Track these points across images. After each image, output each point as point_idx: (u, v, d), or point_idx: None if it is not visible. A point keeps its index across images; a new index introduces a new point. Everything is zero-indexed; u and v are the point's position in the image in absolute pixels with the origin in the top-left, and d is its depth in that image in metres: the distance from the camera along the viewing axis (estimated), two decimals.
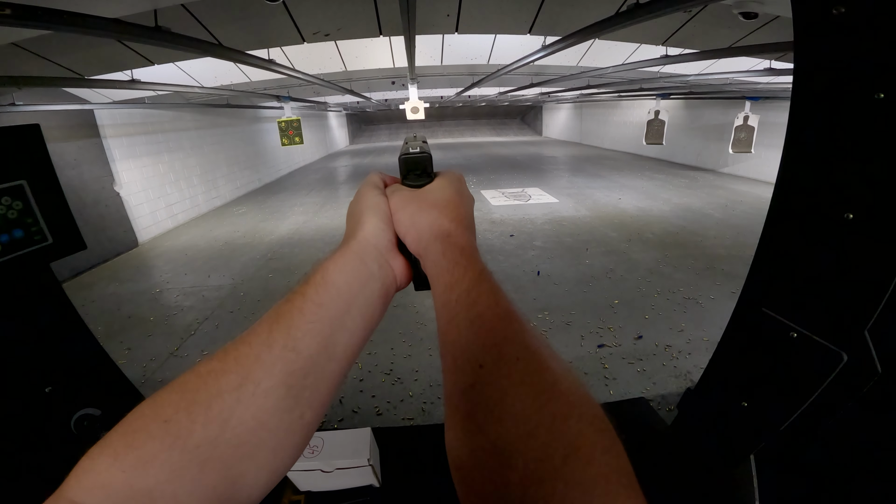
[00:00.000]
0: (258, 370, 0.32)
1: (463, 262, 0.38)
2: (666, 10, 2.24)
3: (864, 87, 0.60)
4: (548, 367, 0.29)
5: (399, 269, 0.44)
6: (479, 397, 0.29)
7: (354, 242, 0.42)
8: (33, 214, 0.63)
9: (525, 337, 0.32)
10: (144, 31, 2.32)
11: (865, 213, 0.64)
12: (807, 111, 0.69)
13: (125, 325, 4.38)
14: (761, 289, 0.84)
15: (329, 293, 0.37)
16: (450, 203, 0.45)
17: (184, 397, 0.31)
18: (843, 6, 0.60)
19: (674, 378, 3.12)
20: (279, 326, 0.35)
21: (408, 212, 0.44)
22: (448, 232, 0.42)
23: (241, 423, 0.31)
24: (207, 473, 0.29)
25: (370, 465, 1.04)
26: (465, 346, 0.32)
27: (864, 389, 0.74)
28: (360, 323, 0.39)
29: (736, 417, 1.01)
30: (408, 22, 2.58)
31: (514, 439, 0.26)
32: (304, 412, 0.34)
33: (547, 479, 0.24)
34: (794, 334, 0.78)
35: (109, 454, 0.28)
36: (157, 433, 0.29)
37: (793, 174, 0.73)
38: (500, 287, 0.36)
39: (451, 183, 0.48)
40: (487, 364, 0.30)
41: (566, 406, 0.27)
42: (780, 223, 0.77)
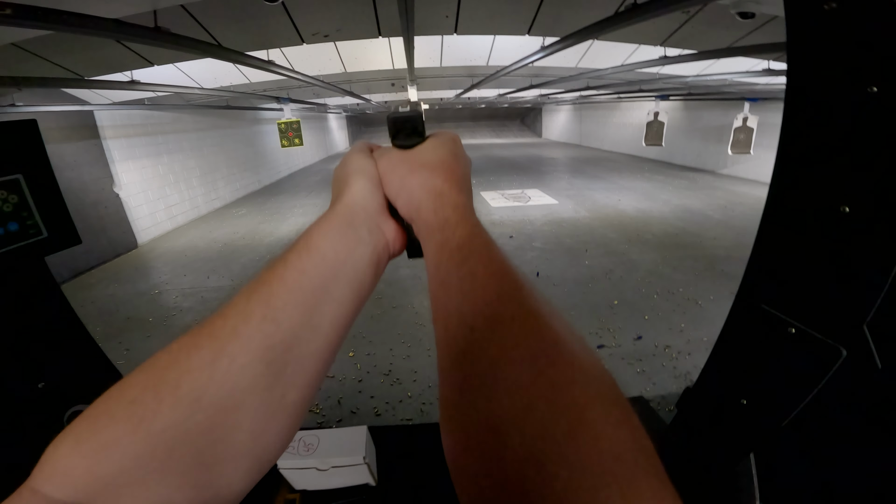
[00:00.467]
0: (233, 344, 0.29)
1: (454, 218, 0.35)
2: (663, 10, 2.25)
3: (857, 81, 0.60)
4: (547, 326, 0.26)
5: (391, 233, 0.41)
6: (471, 366, 0.26)
7: (340, 205, 0.39)
8: (29, 208, 0.63)
9: (521, 294, 0.28)
10: (144, 32, 2.33)
11: (861, 206, 0.64)
12: (801, 105, 0.69)
13: (124, 326, 4.37)
14: (759, 284, 0.84)
15: (313, 259, 0.34)
16: (443, 163, 0.41)
17: (152, 376, 0.28)
18: (835, 2, 0.60)
19: (673, 378, 3.12)
20: (258, 296, 0.32)
21: (398, 173, 0.41)
22: (440, 191, 0.38)
23: (214, 403, 0.28)
24: (176, 459, 0.26)
25: (366, 463, 1.04)
26: (456, 308, 0.29)
27: (865, 385, 0.74)
28: (349, 292, 0.36)
29: (735, 415, 1.00)
30: (406, 23, 2.59)
31: (508, 413, 0.22)
32: (286, 392, 0.31)
33: (547, 460, 0.20)
34: (792, 330, 0.78)
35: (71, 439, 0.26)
36: (121, 415, 0.26)
37: (788, 168, 0.73)
38: (495, 243, 0.33)
39: (445, 143, 0.44)
40: (479, 327, 0.27)
41: (569, 371, 0.23)
42: (777, 217, 0.77)
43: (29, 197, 0.63)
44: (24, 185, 0.62)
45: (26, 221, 0.63)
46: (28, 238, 0.64)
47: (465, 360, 0.26)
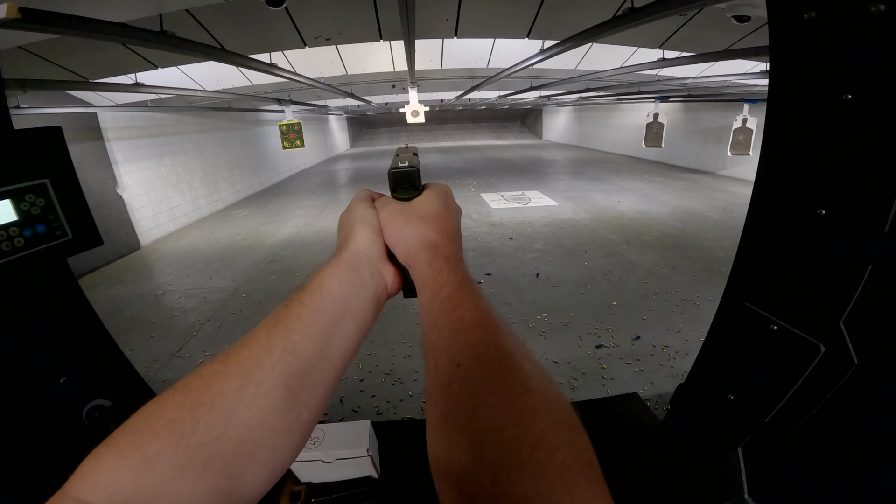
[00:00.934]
0: (259, 372, 0.34)
1: (447, 270, 0.40)
2: (661, 14, 2.28)
3: (833, 89, 0.64)
4: (520, 365, 0.32)
5: (390, 277, 0.47)
6: (455, 394, 0.31)
7: (347, 252, 0.45)
8: (55, 211, 0.67)
9: (500, 339, 0.34)
10: (150, 36, 2.37)
11: (837, 210, 0.68)
12: (781, 111, 0.73)
13: (127, 326, 4.41)
14: (743, 284, 0.88)
15: (325, 300, 0.40)
16: (437, 216, 0.46)
17: (188, 398, 0.32)
18: (814, 11, 0.64)
19: (671, 378, 3.15)
20: (278, 331, 0.37)
21: (397, 224, 0.46)
22: (434, 243, 0.44)
23: (243, 422, 0.32)
24: (210, 471, 0.30)
25: (369, 455, 1.08)
26: (445, 347, 0.35)
27: (842, 379, 0.78)
28: (354, 328, 0.41)
29: (723, 411, 1.04)
30: (407, 26, 2.63)
31: (485, 432, 0.28)
32: (301, 412, 0.36)
33: (514, 468, 0.25)
34: (774, 327, 0.82)
35: (115, 453, 0.29)
36: (163, 432, 0.30)
37: (770, 172, 0.77)
38: (481, 294, 0.39)
39: (439, 196, 0.49)
40: (464, 363, 0.32)
41: (535, 402, 0.29)
42: (760, 220, 0.81)
43: (55, 200, 0.67)
44: (50, 189, 0.67)
45: (53, 224, 0.68)
46: (54, 239, 0.68)
47: (450, 390, 0.32)
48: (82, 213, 0.72)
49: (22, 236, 0.65)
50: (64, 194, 0.69)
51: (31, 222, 0.66)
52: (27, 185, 0.64)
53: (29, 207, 0.65)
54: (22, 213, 0.65)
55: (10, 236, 0.65)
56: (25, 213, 0.65)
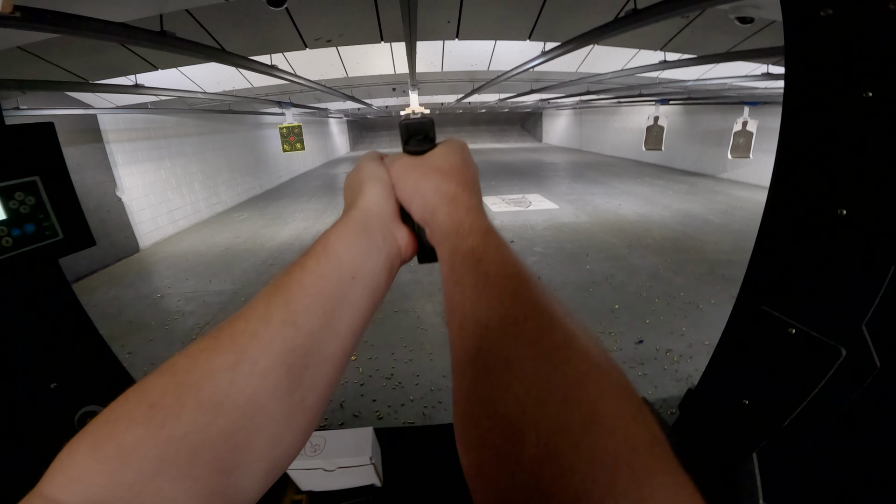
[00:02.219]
0: (255, 348, 0.29)
1: (468, 220, 0.36)
2: (663, 15, 2.27)
3: (853, 87, 0.62)
4: (560, 324, 0.26)
5: (403, 239, 0.42)
6: (485, 363, 0.26)
7: (356, 211, 0.40)
8: (45, 210, 0.65)
9: (534, 294, 0.29)
10: (150, 36, 2.35)
11: (858, 209, 0.65)
12: (798, 110, 0.71)
13: (126, 329, 4.38)
14: (759, 286, 0.85)
15: (331, 264, 0.35)
16: (455, 168, 0.42)
17: (172, 379, 0.28)
18: (831, 8, 0.62)
19: (675, 382, 3.12)
20: (277, 300, 0.32)
21: (411, 178, 0.42)
22: (454, 195, 0.39)
23: (236, 407, 0.27)
24: (197, 465, 0.26)
25: (372, 463, 1.05)
26: (471, 307, 0.30)
27: (864, 384, 0.75)
28: (364, 297, 0.36)
29: (737, 416, 1.01)
30: (409, 28, 2.61)
31: (524, 409, 0.22)
32: (305, 395, 0.31)
33: (564, 453, 0.20)
34: (792, 330, 0.79)
35: (88, 444, 0.25)
36: (141, 419, 0.26)
37: (787, 172, 0.74)
38: (508, 245, 0.34)
39: (455, 149, 0.45)
40: (493, 325, 0.27)
41: (582, 367, 0.24)
42: (776, 221, 0.78)
43: (45, 199, 0.64)
44: (40, 187, 0.64)
45: (43, 223, 0.65)
46: (44, 240, 0.66)
47: (479, 358, 0.27)
48: (74, 213, 0.69)
49: (10, 236, 0.62)
50: (55, 193, 0.66)
51: (20, 221, 0.63)
52: (16, 183, 0.61)
53: (18, 206, 0.62)
54: (10, 212, 0.62)
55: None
56: (14, 212, 0.62)
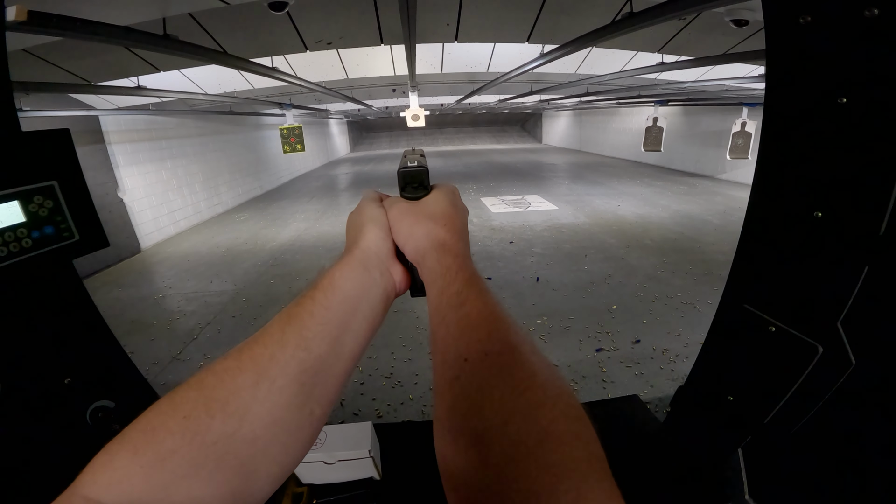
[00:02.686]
0: (273, 368, 0.34)
1: (455, 267, 0.41)
2: (660, 18, 2.30)
3: (828, 93, 0.65)
4: (527, 360, 0.32)
5: (398, 276, 0.47)
6: (462, 388, 0.31)
7: (358, 251, 0.45)
8: (62, 213, 0.68)
9: (507, 335, 0.34)
10: (153, 39, 2.39)
11: (833, 212, 0.69)
12: (778, 115, 0.74)
13: (128, 329, 4.41)
14: (742, 285, 0.89)
15: (336, 298, 0.40)
16: (445, 214, 0.47)
17: (202, 394, 0.32)
18: (809, 15, 0.65)
19: (671, 381, 3.16)
20: (292, 328, 0.37)
21: (406, 223, 0.47)
22: (443, 241, 0.44)
23: (257, 419, 0.32)
24: (223, 469, 0.30)
25: (371, 456, 1.08)
26: (453, 342, 0.35)
27: (840, 380, 0.79)
28: (365, 326, 0.42)
29: (723, 412, 1.05)
30: (408, 31, 2.65)
31: (491, 425, 0.28)
32: (313, 408, 0.36)
33: (521, 460, 0.25)
34: (772, 328, 0.82)
35: (129, 450, 0.29)
36: (177, 429, 0.30)
37: (767, 175, 0.78)
38: (489, 290, 0.39)
39: (447, 196, 0.50)
40: (472, 359, 0.32)
41: (541, 396, 0.29)
42: (758, 222, 0.82)
43: (63, 202, 0.68)
44: (58, 190, 0.67)
45: (60, 225, 0.68)
46: (62, 241, 0.69)
47: (457, 383, 0.32)
48: (89, 215, 0.73)
49: (30, 237, 0.66)
50: (71, 196, 0.69)
51: (39, 224, 0.67)
52: (35, 187, 0.65)
53: (37, 209, 0.66)
54: (30, 215, 0.66)
55: (18, 237, 0.65)
56: (34, 215, 0.66)
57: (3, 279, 0.65)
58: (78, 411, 0.91)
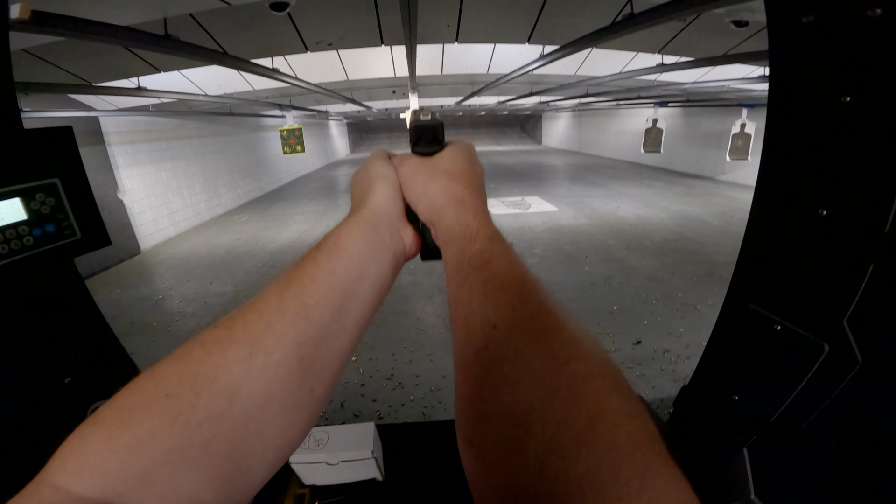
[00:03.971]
0: (269, 339, 0.30)
1: (476, 224, 0.37)
2: (660, 19, 2.30)
3: (832, 91, 0.65)
4: (566, 326, 0.28)
5: (408, 238, 0.43)
6: (493, 359, 0.27)
7: (366, 210, 0.41)
8: (64, 210, 0.68)
9: (540, 296, 0.30)
10: (154, 39, 2.39)
11: (838, 210, 0.68)
12: (782, 114, 0.74)
13: (128, 331, 4.40)
14: (746, 284, 0.88)
15: (342, 261, 0.36)
16: (462, 171, 0.43)
17: (186, 369, 0.28)
18: (812, 15, 0.65)
19: (672, 382, 3.15)
20: (290, 293, 0.33)
21: (420, 179, 0.43)
22: (462, 198, 0.40)
23: (250, 397, 0.28)
24: (210, 454, 0.26)
25: (374, 457, 1.08)
26: (478, 307, 0.31)
27: (847, 378, 0.78)
28: (372, 293, 0.38)
29: (728, 412, 1.04)
30: (409, 32, 2.65)
31: (531, 402, 0.23)
32: (314, 386, 0.32)
33: (570, 445, 0.21)
34: (778, 327, 0.82)
35: (103, 432, 0.25)
36: (157, 409, 0.26)
37: (771, 174, 0.77)
38: (514, 250, 0.35)
39: (463, 152, 0.46)
40: (501, 324, 0.28)
41: (588, 366, 0.25)
42: (762, 221, 0.81)
43: (65, 200, 0.68)
44: (60, 188, 0.67)
45: (62, 223, 0.68)
46: (63, 239, 0.69)
47: (486, 355, 0.28)
48: (91, 213, 0.73)
49: (31, 235, 0.66)
50: (73, 194, 0.69)
51: (41, 221, 0.66)
52: (37, 185, 0.65)
53: (39, 207, 0.66)
54: (32, 213, 0.65)
55: (19, 235, 0.65)
56: (35, 213, 0.66)
57: (4, 277, 0.65)
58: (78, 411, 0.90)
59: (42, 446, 0.87)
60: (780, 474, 1.00)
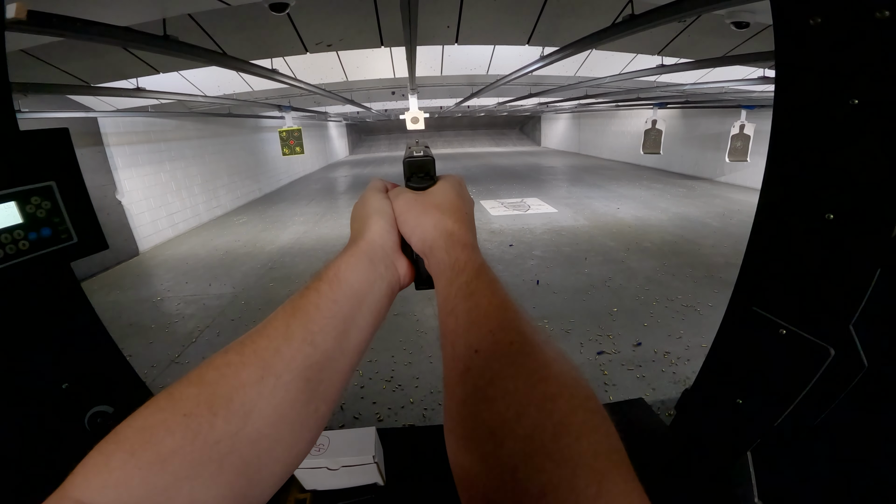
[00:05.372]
0: (279, 363, 0.33)
1: (464, 257, 0.40)
2: (660, 20, 2.30)
3: (840, 94, 0.64)
4: (540, 350, 0.30)
5: (403, 269, 0.47)
6: (474, 380, 0.30)
7: (363, 243, 0.44)
8: (61, 214, 0.67)
9: (519, 324, 0.33)
10: (153, 40, 2.38)
11: (845, 213, 0.68)
12: (788, 117, 0.73)
13: (126, 332, 4.39)
14: (751, 288, 0.88)
15: (343, 291, 0.39)
16: (453, 205, 0.46)
17: (203, 391, 0.30)
18: (820, 17, 0.64)
19: (673, 384, 3.14)
20: (297, 321, 0.36)
21: (413, 213, 0.46)
22: (452, 231, 0.43)
23: (262, 416, 0.31)
24: (226, 470, 0.29)
25: (375, 462, 1.06)
26: (463, 333, 0.34)
27: (853, 383, 0.77)
28: (370, 320, 0.41)
29: (731, 415, 1.03)
30: (409, 33, 2.64)
31: (504, 419, 0.26)
32: (318, 405, 0.35)
33: (535, 455, 0.24)
34: (783, 331, 0.81)
35: (126, 450, 0.27)
36: (177, 428, 0.28)
37: (777, 177, 0.77)
38: (499, 281, 0.38)
39: (453, 186, 0.49)
40: (482, 349, 0.31)
41: (556, 387, 0.27)
42: (767, 224, 0.81)
43: (61, 203, 0.67)
44: (56, 191, 0.66)
45: (58, 227, 0.67)
46: (60, 243, 0.68)
47: (468, 376, 0.31)
48: (88, 217, 0.72)
49: (27, 239, 0.65)
50: (70, 197, 0.68)
51: (37, 225, 0.65)
52: (33, 188, 0.64)
53: (34, 210, 0.65)
54: (27, 216, 0.64)
55: (14, 239, 0.64)
56: (31, 216, 0.64)
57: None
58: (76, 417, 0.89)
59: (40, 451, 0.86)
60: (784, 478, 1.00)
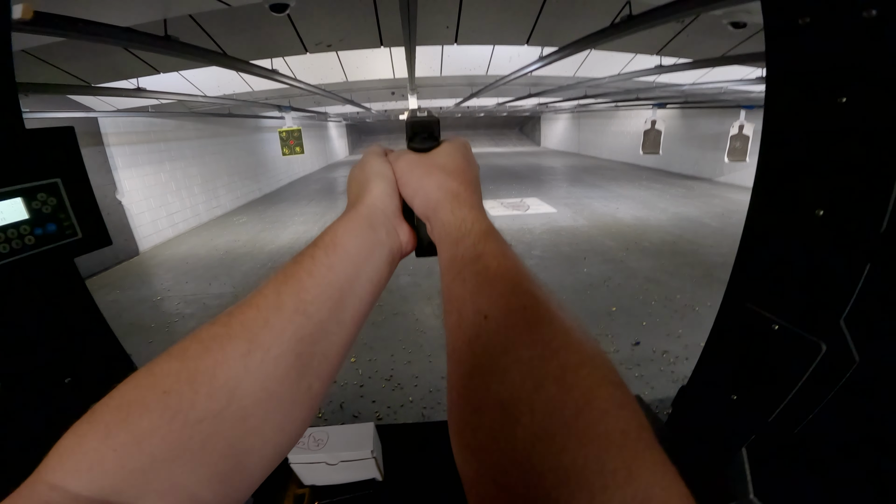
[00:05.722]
0: (267, 335, 0.30)
1: (471, 218, 0.37)
2: (658, 21, 2.31)
3: (828, 92, 0.65)
4: (557, 316, 0.27)
5: (404, 235, 0.44)
6: (484, 349, 0.27)
7: (363, 207, 0.41)
8: (66, 210, 0.68)
9: (532, 287, 0.29)
10: (154, 40, 2.39)
11: (834, 210, 0.69)
12: (779, 115, 0.74)
13: (126, 332, 4.39)
14: (744, 284, 0.89)
15: (339, 256, 0.36)
16: (458, 166, 0.44)
17: (185, 365, 0.28)
18: (808, 17, 0.66)
19: (671, 383, 3.16)
20: (288, 289, 0.33)
21: (415, 174, 0.43)
22: (457, 192, 0.40)
23: (249, 394, 0.28)
24: (209, 451, 0.26)
25: (373, 457, 1.08)
26: (470, 298, 0.30)
27: (844, 377, 0.79)
28: (368, 289, 0.38)
29: (726, 411, 1.05)
30: (409, 33, 2.66)
31: (520, 392, 0.23)
32: (312, 383, 0.32)
33: (558, 433, 0.21)
34: (775, 326, 0.82)
35: (100, 430, 0.25)
36: (156, 406, 0.26)
37: (768, 174, 0.78)
38: (508, 243, 0.35)
39: (458, 149, 0.46)
40: (493, 315, 0.28)
41: (578, 356, 0.24)
42: (759, 220, 0.82)
43: (66, 200, 0.68)
44: (62, 188, 0.67)
45: (63, 223, 0.68)
46: (64, 239, 0.69)
47: (477, 344, 0.27)
48: (92, 213, 0.73)
49: (33, 235, 0.66)
50: (75, 194, 0.69)
51: (43, 221, 0.66)
52: (39, 185, 0.65)
53: (40, 206, 0.66)
54: (33, 212, 0.66)
55: (21, 234, 0.65)
56: (37, 212, 0.66)
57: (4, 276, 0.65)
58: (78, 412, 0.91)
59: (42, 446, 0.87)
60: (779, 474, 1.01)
